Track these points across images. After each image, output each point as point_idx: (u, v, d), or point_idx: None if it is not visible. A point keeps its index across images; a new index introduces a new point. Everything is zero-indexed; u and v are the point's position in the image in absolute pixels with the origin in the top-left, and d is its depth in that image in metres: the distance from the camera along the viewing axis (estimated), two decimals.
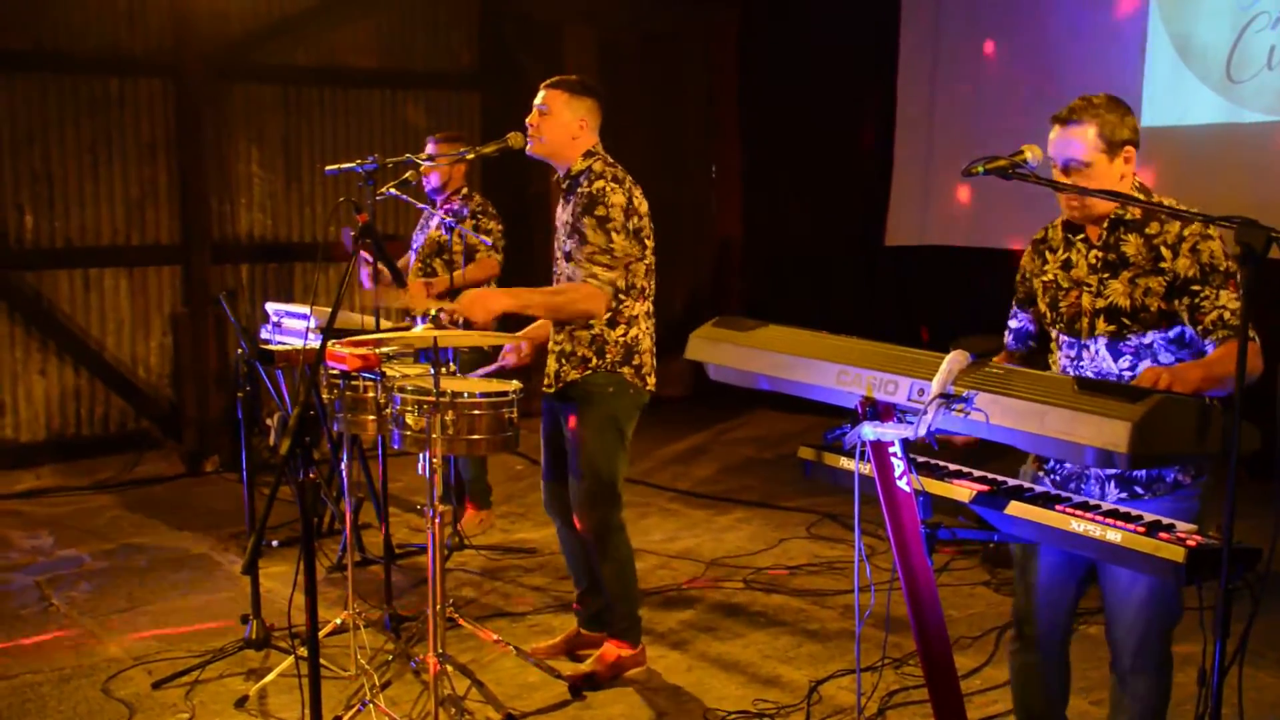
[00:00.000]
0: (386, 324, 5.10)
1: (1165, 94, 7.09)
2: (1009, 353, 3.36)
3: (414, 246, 6.14)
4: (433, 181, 5.98)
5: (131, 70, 7.59)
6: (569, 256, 4.18)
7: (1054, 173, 3.03)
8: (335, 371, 4.51)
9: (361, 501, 5.93)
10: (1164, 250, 2.96)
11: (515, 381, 4.23)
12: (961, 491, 2.78)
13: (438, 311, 4.33)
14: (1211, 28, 6.90)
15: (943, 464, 2.96)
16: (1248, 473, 2.44)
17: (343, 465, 4.75)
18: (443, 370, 3.95)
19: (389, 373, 4.39)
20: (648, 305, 4.25)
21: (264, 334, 5.39)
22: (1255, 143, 6.73)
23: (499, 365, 4.53)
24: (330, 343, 3.93)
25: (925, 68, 8.54)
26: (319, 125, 8.33)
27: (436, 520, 3.87)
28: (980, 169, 2.81)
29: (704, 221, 10.12)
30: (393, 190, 4.70)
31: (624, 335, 4.18)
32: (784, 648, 4.70)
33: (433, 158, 5.45)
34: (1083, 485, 3.05)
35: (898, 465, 2.70)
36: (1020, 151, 2.85)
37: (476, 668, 4.40)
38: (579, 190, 4.17)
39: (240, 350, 4.73)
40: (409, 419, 4.04)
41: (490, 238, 5.80)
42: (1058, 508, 2.63)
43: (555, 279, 4.31)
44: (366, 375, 4.46)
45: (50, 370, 7.52)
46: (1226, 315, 2.87)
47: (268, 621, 4.58)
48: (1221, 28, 6.85)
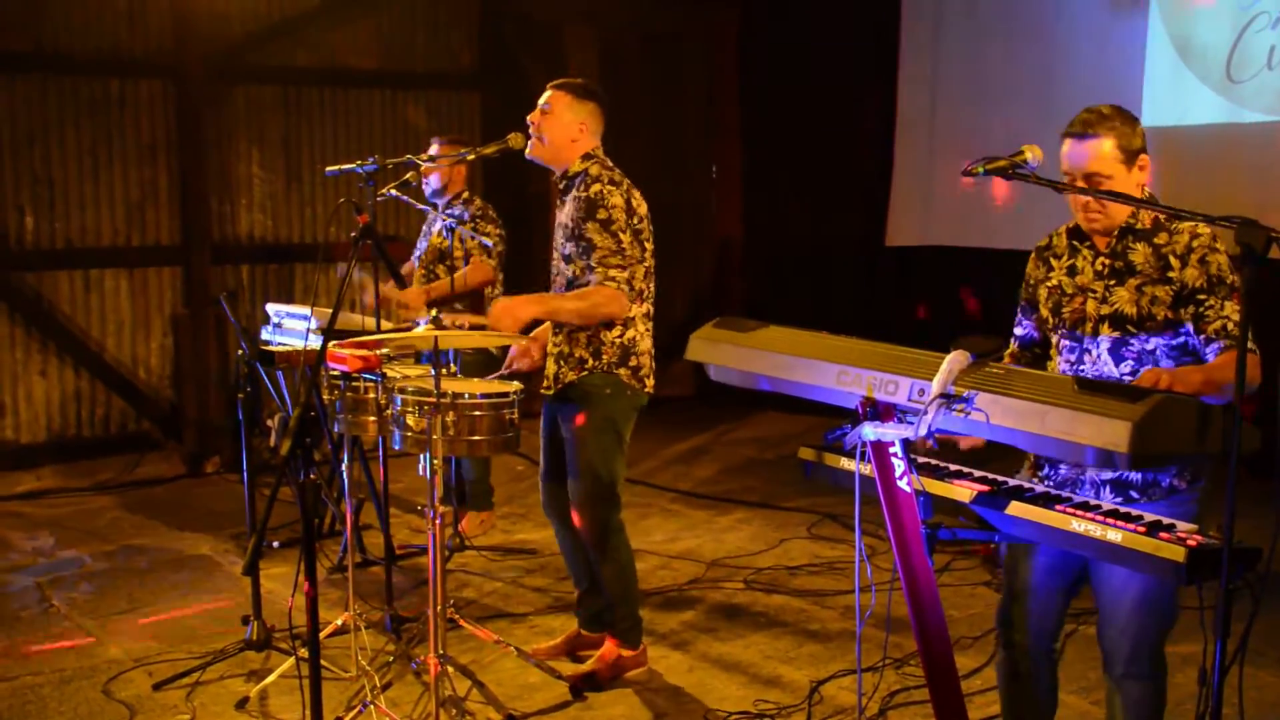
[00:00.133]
0: (387, 325, 5.10)
1: (1165, 94, 7.10)
2: (1014, 357, 3.36)
3: (417, 253, 6.14)
4: (433, 183, 5.97)
5: (132, 71, 7.59)
6: (569, 259, 4.19)
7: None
8: (336, 372, 4.51)
9: (362, 502, 5.94)
10: (1173, 260, 2.97)
11: (516, 382, 4.23)
12: (962, 492, 2.78)
13: (438, 313, 4.33)
14: (1211, 28, 6.89)
15: (943, 464, 2.96)
16: (1248, 472, 2.44)
17: (343, 466, 4.75)
18: (443, 371, 3.95)
19: (390, 374, 4.39)
20: (647, 307, 4.25)
21: (264, 335, 5.39)
22: (1255, 143, 6.73)
23: (510, 371, 4.50)
24: (331, 344, 3.93)
25: (925, 68, 8.54)
26: (319, 126, 8.33)
27: (437, 521, 3.87)
28: (980, 169, 2.81)
29: (704, 221, 10.11)
30: (393, 191, 4.70)
31: (620, 336, 4.18)
32: (785, 648, 4.70)
33: (435, 159, 5.46)
34: (1077, 490, 3.04)
35: (898, 465, 2.70)
36: (1020, 151, 2.85)
37: (477, 669, 4.40)
38: (576, 194, 4.17)
39: (241, 351, 4.74)
40: (410, 420, 4.05)
41: (488, 239, 5.80)
42: (1058, 508, 2.63)
43: (553, 280, 4.31)
44: (367, 376, 4.46)
45: (51, 371, 7.52)
46: (1230, 325, 2.88)
47: (268, 623, 4.59)
48: (1221, 28, 6.85)
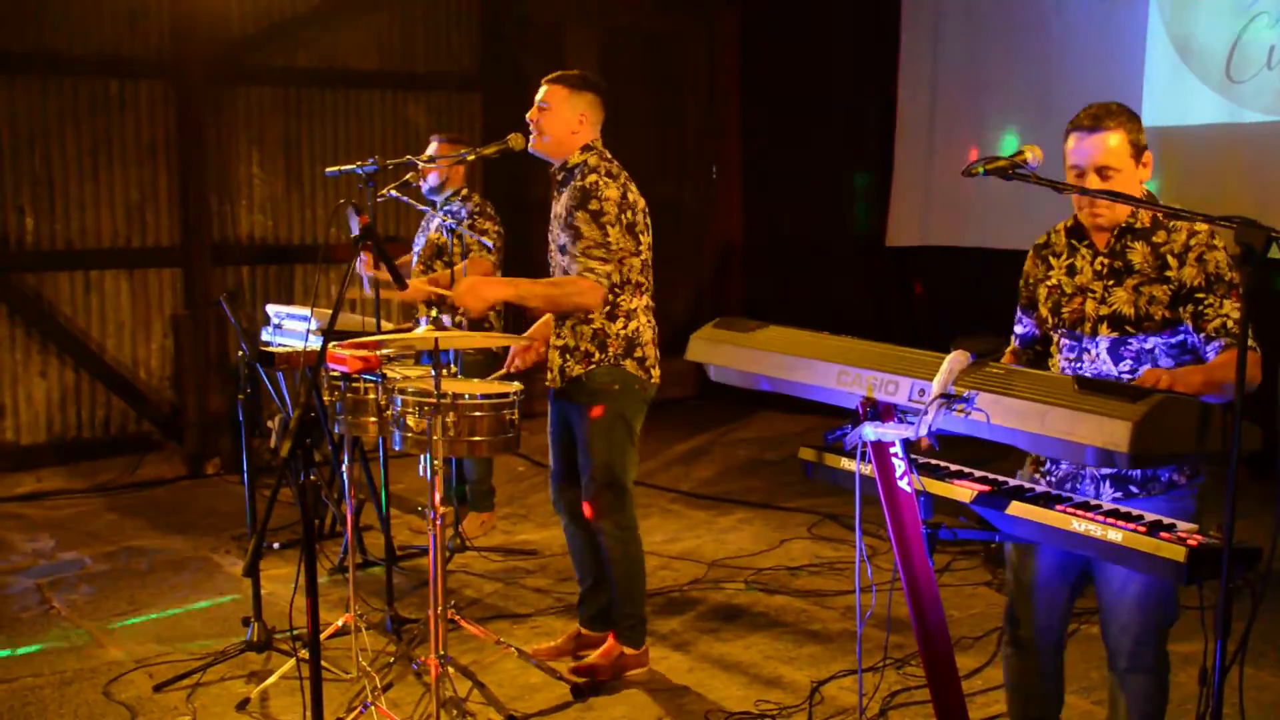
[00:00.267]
0: (388, 325, 5.10)
1: (1165, 94, 7.10)
2: (1015, 356, 3.36)
3: (415, 249, 6.14)
4: (430, 181, 5.95)
5: (132, 72, 7.58)
6: (563, 250, 4.19)
7: (1068, 178, 3.02)
8: (336, 373, 4.51)
9: (362, 503, 5.93)
10: (1170, 259, 2.97)
11: (516, 383, 4.23)
12: (962, 492, 2.79)
13: (439, 314, 4.33)
14: (1211, 28, 6.89)
15: (944, 464, 2.96)
16: (1249, 472, 2.44)
17: (344, 467, 4.75)
18: (444, 371, 3.95)
19: (390, 374, 4.39)
20: (647, 299, 4.25)
21: (265, 336, 5.39)
22: (1255, 143, 6.73)
23: (509, 370, 4.50)
24: (331, 344, 3.93)
25: (925, 68, 8.54)
26: (319, 127, 8.32)
27: (438, 522, 3.87)
28: (980, 169, 2.82)
29: (704, 221, 10.12)
30: (393, 192, 4.70)
31: (624, 328, 4.18)
32: (785, 648, 4.70)
33: (434, 158, 5.45)
34: (1078, 485, 3.06)
35: (899, 465, 2.70)
36: (1020, 152, 2.85)
37: (478, 669, 4.40)
38: (573, 184, 4.18)
39: (241, 352, 4.74)
40: (410, 420, 4.05)
41: (486, 237, 5.80)
42: (1058, 508, 2.63)
43: (550, 271, 4.32)
44: (367, 377, 4.46)
45: (51, 372, 7.52)
46: (1229, 324, 2.89)
47: (269, 624, 4.59)
48: (1221, 28, 6.85)
